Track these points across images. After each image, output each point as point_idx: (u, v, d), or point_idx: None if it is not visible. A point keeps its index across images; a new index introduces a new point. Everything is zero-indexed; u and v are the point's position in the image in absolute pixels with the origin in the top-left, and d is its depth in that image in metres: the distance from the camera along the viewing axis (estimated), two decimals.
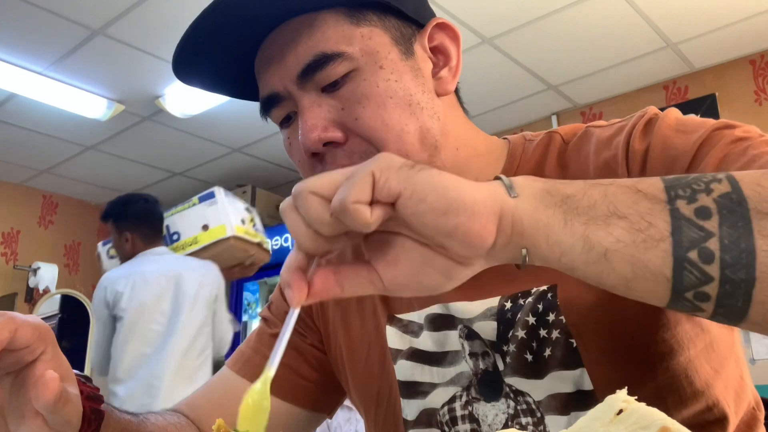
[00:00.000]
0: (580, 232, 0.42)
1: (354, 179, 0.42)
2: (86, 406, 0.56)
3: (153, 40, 2.89)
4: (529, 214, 0.43)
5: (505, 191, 0.44)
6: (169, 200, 5.03)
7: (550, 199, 0.43)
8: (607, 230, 0.42)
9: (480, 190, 0.43)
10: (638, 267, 0.41)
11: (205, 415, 0.77)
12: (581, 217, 0.42)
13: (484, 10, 2.73)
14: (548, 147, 0.70)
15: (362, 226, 0.41)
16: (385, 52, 0.63)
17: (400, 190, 0.41)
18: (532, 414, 0.64)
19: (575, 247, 0.42)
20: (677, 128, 0.61)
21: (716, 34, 2.98)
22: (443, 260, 0.44)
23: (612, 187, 0.44)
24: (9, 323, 0.48)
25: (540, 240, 0.43)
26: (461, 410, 0.68)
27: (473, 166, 0.69)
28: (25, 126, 3.69)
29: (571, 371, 0.62)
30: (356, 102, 0.61)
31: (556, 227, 0.43)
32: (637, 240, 0.41)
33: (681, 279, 0.41)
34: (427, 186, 0.42)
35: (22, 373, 0.51)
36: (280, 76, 0.63)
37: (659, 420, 0.32)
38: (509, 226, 0.43)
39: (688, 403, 0.60)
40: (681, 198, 0.42)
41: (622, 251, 0.41)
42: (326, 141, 0.62)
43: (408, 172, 0.42)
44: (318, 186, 0.43)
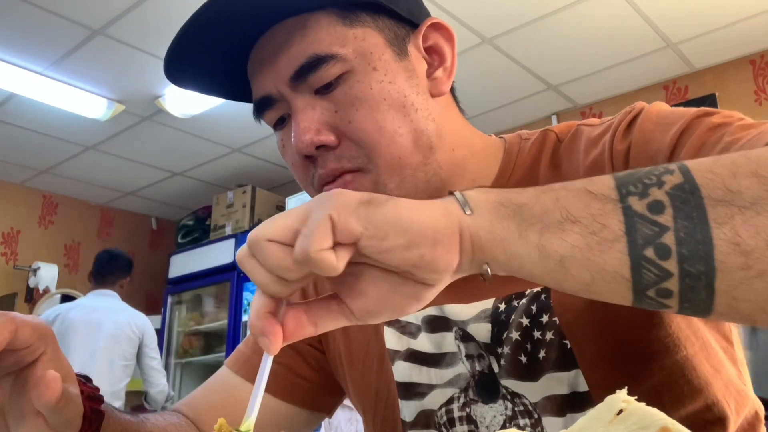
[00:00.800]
0: (535, 241, 0.42)
1: (312, 226, 0.41)
2: (86, 406, 0.56)
3: (153, 40, 2.89)
4: (485, 230, 0.43)
5: (460, 209, 0.43)
6: (169, 200, 5.04)
7: (504, 211, 0.43)
8: (561, 237, 0.41)
9: (437, 214, 0.42)
10: (596, 270, 0.41)
11: (204, 414, 0.77)
12: (535, 226, 0.42)
13: (484, 10, 2.73)
14: (543, 146, 0.70)
15: (329, 271, 0.41)
16: (379, 53, 0.63)
17: (360, 231, 0.41)
18: (530, 415, 0.64)
19: (532, 257, 0.42)
20: (657, 122, 0.61)
21: (716, 34, 2.98)
22: (411, 285, 0.43)
23: (563, 192, 0.43)
24: (9, 323, 0.48)
25: (498, 253, 0.43)
26: (459, 411, 0.67)
27: (469, 166, 0.69)
28: (25, 126, 3.69)
29: (565, 372, 0.62)
30: (350, 104, 0.61)
31: (511, 239, 0.42)
32: (591, 243, 0.40)
33: (640, 278, 0.40)
34: (386, 224, 0.41)
35: (22, 374, 0.51)
36: (272, 78, 0.63)
37: (659, 420, 0.32)
38: (469, 244, 0.43)
39: (685, 402, 0.60)
40: (633, 194, 0.41)
41: (577, 257, 0.41)
42: (319, 144, 0.61)
43: (366, 211, 0.42)
44: (273, 233, 0.42)
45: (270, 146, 4.02)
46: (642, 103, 0.66)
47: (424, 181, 0.64)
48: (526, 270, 0.43)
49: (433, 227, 0.42)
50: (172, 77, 0.67)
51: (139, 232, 5.27)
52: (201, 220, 4.75)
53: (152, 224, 5.38)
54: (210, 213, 4.58)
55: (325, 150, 0.62)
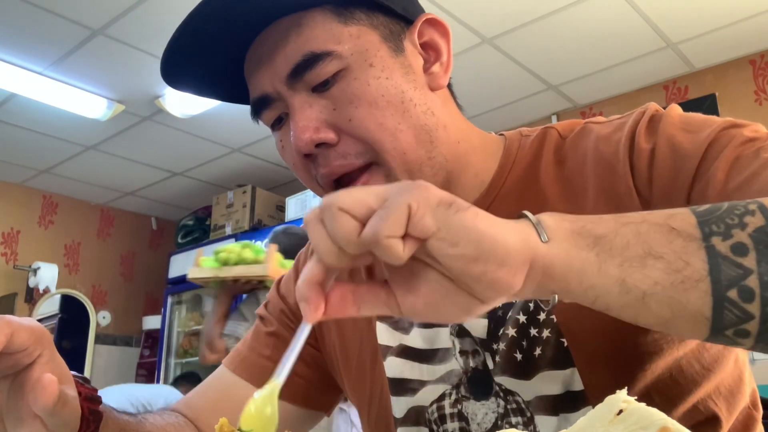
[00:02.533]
0: (616, 275, 0.41)
1: (389, 210, 0.40)
2: (84, 408, 0.56)
3: (153, 40, 2.89)
4: (562, 260, 0.42)
5: (536, 235, 0.42)
6: (169, 200, 5.04)
7: (582, 241, 0.42)
8: (643, 272, 0.41)
9: (513, 236, 0.41)
10: (677, 308, 0.41)
11: (203, 414, 0.77)
12: (615, 259, 0.41)
13: (484, 10, 2.73)
14: (544, 142, 0.70)
15: (393, 259, 0.40)
16: (375, 50, 0.63)
17: (434, 230, 0.40)
18: (522, 413, 0.64)
19: (611, 292, 0.42)
20: (682, 127, 0.61)
21: (716, 34, 2.98)
22: (465, 297, 0.43)
23: (644, 225, 0.43)
24: (5, 327, 0.48)
25: (573, 284, 0.42)
26: (450, 408, 0.67)
27: (472, 160, 0.69)
28: (25, 126, 3.69)
29: (561, 371, 0.62)
30: (348, 102, 0.61)
31: (589, 271, 0.42)
32: (675, 281, 0.41)
33: (721, 318, 0.40)
34: (461, 231, 0.40)
35: (19, 377, 0.51)
36: (269, 78, 0.63)
37: (659, 420, 0.32)
38: (539, 272, 0.42)
39: (675, 403, 0.60)
40: (716, 234, 0.41)
41: (660, 294, 0.41)
42: (318, 142, 0.61)
43: (445, 213, 0.41)
44: (349, 204, 0.41)
45: (270, 146, 4.02)
46: (655, 105, 0.66)
47: (431, 175, 0.64)
48: (602, 302, 0.42)
49: (505, 247, 0.41)
50: (169, 79, 0.67)
51: (139, 232, 5.27)
52: (201, 220, 4.75)
53: (152, 224, 5.38)
54: (210, 213, 4.59)
55: (325, 148, 0.62)
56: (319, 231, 0.42)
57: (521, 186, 0.68)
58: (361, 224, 0.41)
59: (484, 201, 0.69)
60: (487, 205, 0.69)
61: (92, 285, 4.87)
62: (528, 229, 0.43)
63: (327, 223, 0.42)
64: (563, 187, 0.66)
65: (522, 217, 0.44)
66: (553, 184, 0.66)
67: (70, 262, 4.79)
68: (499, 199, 0.68)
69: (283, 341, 0.81)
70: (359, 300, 0.45)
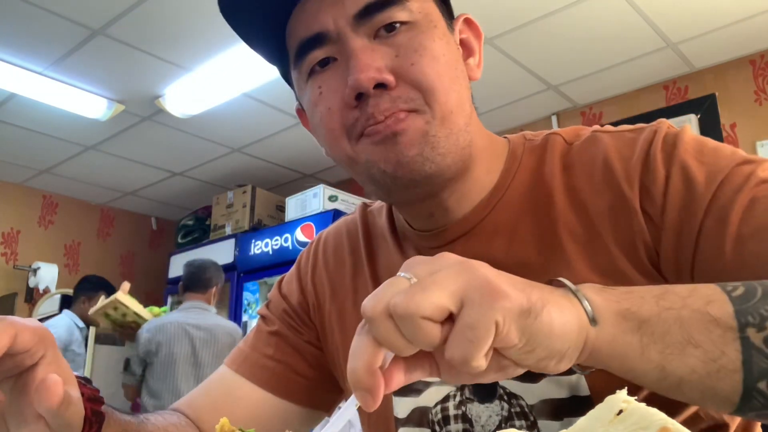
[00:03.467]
0: (657, 361, 0.43)
1: (477, 331, 0.39)
2: (87, 408, 0.56)
3: (153, 40, 2.89)
4: (608, 344, 0.44)
5: (587, 319, 0.44)
6: (169, 200, 5.04)
7: (627, 325, 0.44)
8: (682, 360, 0.43)
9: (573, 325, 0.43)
10: (708, 393, 0.43)
11: (205, 413, 0.77)
12: (657, 345, 0.43)
13: (484, 10, 2.73)
14: (547, 148, 0.70)
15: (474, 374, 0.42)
16: (437, 19, 0.65)
17: (516, 343, 0.41)
18: (526, 417, 0.64)
19: (650, 375, 0.44)
20: (696, 157, 0.61)
21: (716, 34, 2.98)
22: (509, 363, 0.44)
23: (685, 311, 0.44)
24: (9, 328, 0.48)
25: (615, 366, 0.44)
26: (454, 410, 0.67)
27: (483, 157, 0.69)
28: (25, 126, 3.69)
29: (567, 376, 0.62)
30: (413, 50, 0.62)
31: (632, 355, 0.43)
32: (711, 370, 0.43)
33: (747, 405, 0.43)
34: (540, 337, 0.41)
35: (22, 377, 0.51)
36: (333, 14, 0.63)
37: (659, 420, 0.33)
38: (586, 354, 0.44)
39: (679, 410, 0.60)
40: (751, 325, 0.43)
41: (695, 381, 0.43)
42: (379, 82, 0.61)
43: (526, 323, 0.41)
44: (431, 313, 0.40)
45: (270, 146, 4.03)
46: (666, 122, 0.66)
47: (462, 146, 0.64)
48: (639, 381, 0.45)
49: (569, 343, 0.43)
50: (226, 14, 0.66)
51: (139, 232, 5.27)
52: (201, 220, 4.75)
53: (152, 224, 5.38)
54: (210, 213, 4.58)
55: (380, 91, 0.61)
56: (391, 328, 0.41)
57: (527, 188, 0.69)
58: (440, 327, 0.41)
59: (489, 201, 0.69)
60: (492, 205, 0.69)
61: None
62: (580, 311, 0.44)
63: (405, 330, 0.41)
64: (570, 193, 0.66)
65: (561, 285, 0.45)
66: (560, 190, 0.67)
67: (70, 262, 4.79)
68: (504, 200, 0.69)
69: (285, 340, 0.81)
70: (409, 370, 0.45)
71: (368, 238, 0.80)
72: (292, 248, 3.77)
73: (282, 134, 3.84)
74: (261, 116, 3.60)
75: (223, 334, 2.97)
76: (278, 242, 3.90)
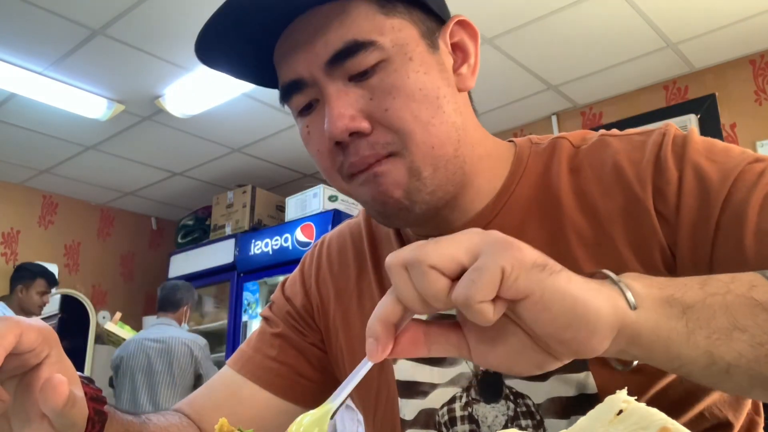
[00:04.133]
0: (704, 346, 0.42)
1: (482, 272, 0.39)
2: (90, 408, 0.56)
3: (153, 40, 2.89)
4: (650, 329, 0.42)
5: (624, 301, 0.42)
6: (169, 200, 5.04)
7: (671, 311, 0.43)
8: (729, 345, 0.42)
9: (604, 302, 0.41)
10: (757, 379, 0.42)
11: (206, 414, 0.78)
12: (703, 330, 0.42)
13: (484, 10, 2.73)
14: (554, 151, 0.70)
15: (483, 322, 0.40)
16: (414, 44, 0.63)
17: (528, 293, 0.40)
18: (532, 417, 0.64)
19: (698, 362, 0.42)
20: (707, 156, 0.61)
21: (716, 34, 2.98)
22: (540, 354, 0.42)
23: (730, 297, 0.43)
24: (15, 327, 0.48)
25: (658, 353, 0.43)
26: (461, 411, 0.68)
27: (485, 165, 0.69)
28: (25, 126, 3.69)
29: (575, 374, 0.62)
30: (386, 93, 0.61)
31: (677, 341, 0.42)
32: (759, 355, 0.42)
33: None
34: (556, 294, 0.40)
35: (27, 377, 0.52)
36: (307, 62, 0.63)
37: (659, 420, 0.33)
38: (626, 340, 0.42)
39: (685, 409, 0.60)
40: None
41: (743, 366, 0.42)
42: (353, 130, 0.61)
43: (539, 275, 0.40)
44: (439, 261, 0.40)
45: (270, 146, 4.02)
46: (674, 126, 0.66)
47: (452, 173, 0.65)
48: (685, 370, 0.43)
49: (597, 314, 0.40)
50: (201, 56, 0.67)
51: (139, 232, 5.27)
52: (201, 220, 4.75)
53: (152, 224, 5.38)
54: (210, 213, 4.58)
55: (357, 137, 0.62)
56: (405, 280, 0.41)
57: (534, 191, 0.69)
58: (450, 281, 0.40)
59: (495, 205, 0.69)
60: (498, 209, 0.69)
61: (92, 285, 4.87)
62: (616, 295, 0.42)
63: (415, 278, 0.41)
64: (579, 197, 0.66)
65: (604, 277, 0.44)
66: (568, 193, 0.67)
67: (70, 262, 4.79)
68: (510, 203, 0.69)
69: (289, 342, 0.81)
70: (430, 341, 0.45)
71: (372, 241, 0.80)
72: (292, 248, 3.77)
73: (282, 134, 3.84)
74: (261, 116, 3.60)
75: (179, 344, 3.21)
76: (278, 242, 3.89)
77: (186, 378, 3.19)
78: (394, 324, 0.43)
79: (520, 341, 0.43)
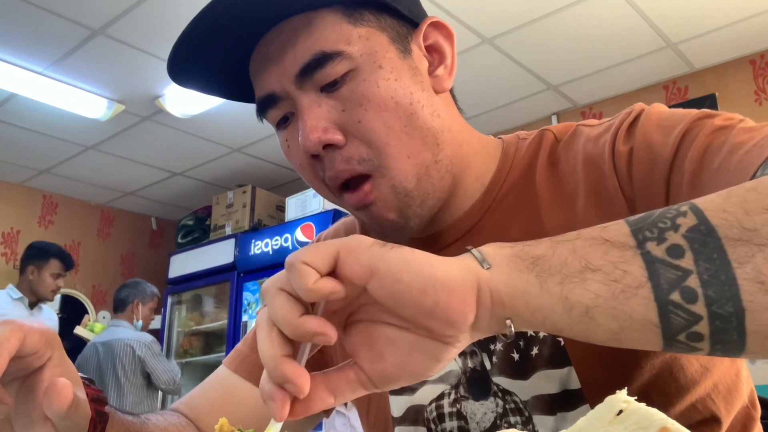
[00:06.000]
0: (558, 292, 0.40)
1: (318, 245, 0.40)
2: (92, 409, 0.56)
3: (153, 40, 2.89)
4: (505, 283, 0.41)
5: (477, 263, 0.42)
6: (169, 200, 5.04)
7: (522, 264, 0.42)
8: (583, 287, 0.40)
9: (453, 265, 0.41)
10: (623, 318, 0.40)
11: (204, 414, 0.77)
12: (555, 277, 0.41)
13: (484, 10, 2.73)
14: (540, 145, 0.70)
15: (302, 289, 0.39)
16: (383, 51, 0.63)
17: (372, 268, 0.40)
18: (521, 413, 0.64)
19: (556, 310, 0.41)
20: (659, 123, 0.61)
21: (716, 34, 2.98)
22: (429, 343, 0.42)
23: (579, 241, 0.42)
24: (18, 330, 0.48)
25: (520, 307, 0.41)
26: (449, 408, 0.68)
27: (473, 163, 0.69)
28: (25, 126, 3.69)
29: (558, 370, 0.62)
30: (357, 104, 0.61)
31: (532, 292, 0.41)
32: (615, 291, 0.40)
33: (669, 323, 0.39)
34: (401, 263, 0.40)
35: (29, 379, 0.52)
36: (277, 76, 0.63)
37: (659, 420, 0.33)
38: (488, 298, 0.41)
39: (674, 401, 0.60)
40: (650, 240, 0.40)
41: (602, 306, 0.40)
42: (327, 143, 0.61)
43: (380, 250, 0.40)
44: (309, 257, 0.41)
45: (270, 146, 4.02)
46: (642, 105, 0.66)
47: (439, 178, 0.65)
48: (551, 322, 0.42)
49: (449, 275, 0.40)
50: (174, 76, 0.67)
51: (139, 232, 5.27)
52: (201, 220, 4.75)
53: (152, 224, 5.38)
54: (210, 213, 4.58)
55: (332, 149, 0.62)
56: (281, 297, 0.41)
57: (518, 188, 0.69)
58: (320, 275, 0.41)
59: (482, 203, 0.69)
60: (486, 207, 0.69)
61: (92, 285, 4.87)
62: (468, 260, 0.42)
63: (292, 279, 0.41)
64: (555, 190, 0.67)
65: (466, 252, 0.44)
66: (546, 186, 0.67)
67: None
68: (497, 201, 0.69)
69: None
70: (332, 389, 0.44)
71: None
72: (292, 248, 3.77)
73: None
74: None
75: (122, 346, 3.25)
76: (278, 242, 3.90)
77: (133, 378, 3.21)
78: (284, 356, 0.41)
79: (404, 340, 0.42)
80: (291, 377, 0.40)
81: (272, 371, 0.41)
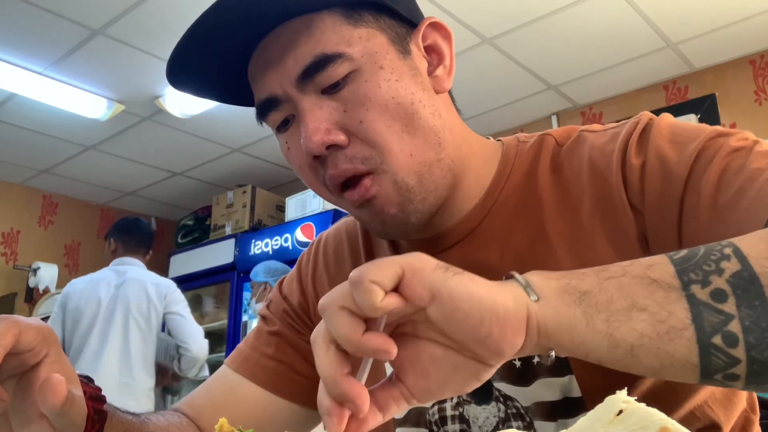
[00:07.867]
0: (604, 329, 0.42)
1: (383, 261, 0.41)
2: (89, 407, 0.56)
3: (153, 40, 2.89)
4: (552, 317, 0.42)
5: (525, 294, 0.43)
6: (169, 200, 5.04)
7: (569, 298, 0.43)
8: (629, 325, 0.42)
9: (506, 296, 0.42)
10: (665, 358, 0.41)
11: (205, 413, 0.78)
12: (601, 314, 0.42)
13: (484, 10, 2.73)
14: (541, 149, 0.70)
15: (368, 308, 0.40)
16: (384, 52, 0.63)
17: (434, 292, 0.41)
18: (522, 418, 0.64)
19: (601, 346, 0.42)
20: (671, 139, 0.61)
21: (716, 34, 2.98)
22: (473, 364, 0.43)
23: (626, 279, 0.43)
24: (13, 327, 0.48)
25: (565, 340, 0.43)
26: (452, 411, 0.68)
27: (472, 164, 0.69)
28: (25, 126, 3.69)
29: (559, 378, 0.62)
30: (359, 104, 0.61)
31: (578, 327, 0.42)
32: (660, 332, 0.41)
33: (709, 364, 0.41)
34: (463, 293, 0.41)
35: (26, 376, 0.52)
36: (278, 79, 0.63)
37: (659, 420, 0.33)
38: (535, 331, 0.43)
39: (672, 409, 0.60)
40: (695, 282, 0.42)
41: (647, 345, 0.41)
42: (330, 144, 0.61)
43: (444, 274, 0.41)
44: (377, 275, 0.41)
45: (270, 146, 4.02)
46: (649, 114, 0.66)
47: (441, 177, 0.65)
48: (594, 356, 0.43)
49: (505, 307, 0.41)
50: (174, 81, 0.67)
51: None
52: (201, 220, 4.75)
53: (152, 224, 5.38)
54: (210, 213, 4.58)
55: (335, 150, 0.62)
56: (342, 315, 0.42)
57: (519, 192, 0.69)
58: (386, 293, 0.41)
59: (483, 206, 0.69)
60: (486, 210, 0.69)
61: None
62: (517, 290, 0.43)
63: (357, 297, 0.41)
64: (559, 196, 0.66)
65: (510, 278, 0.45)
66: (549, 191, 0.67)
67: (70, 262, 4.79)
68: (498, 204, 0.69)
69: (286, 340, 0.81)
70: (381, 406, 0.45)
71: (367, 238, 0.80)
72: (292, 248, 3.77)
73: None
74: None
75: None
76: (278, 242, 3.90)
77: None
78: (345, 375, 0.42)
79: (449, 360, 0.43)
80: (352, 396, 0.41)
81: (332, 389, 0.42)
